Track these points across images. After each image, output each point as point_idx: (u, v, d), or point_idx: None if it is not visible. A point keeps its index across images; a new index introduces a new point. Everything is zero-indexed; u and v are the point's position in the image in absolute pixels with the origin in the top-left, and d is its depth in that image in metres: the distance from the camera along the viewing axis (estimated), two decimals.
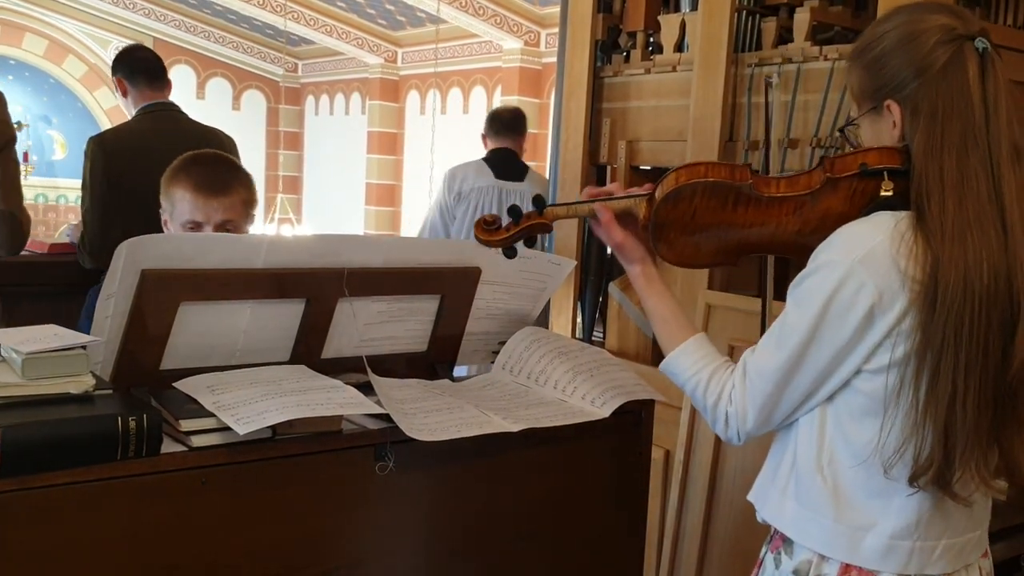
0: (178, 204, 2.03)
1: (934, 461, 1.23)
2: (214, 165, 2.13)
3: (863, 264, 1.24)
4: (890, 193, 1.30)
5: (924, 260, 1.22)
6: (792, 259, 1.47)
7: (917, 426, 1.24)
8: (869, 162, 1.32)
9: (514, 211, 1.46)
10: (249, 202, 2.11)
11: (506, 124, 4.16)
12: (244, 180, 2.12)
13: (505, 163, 4.07)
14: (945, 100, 1.25)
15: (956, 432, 1.22)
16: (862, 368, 1.28)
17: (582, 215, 1.52)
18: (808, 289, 1.30)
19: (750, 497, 1.46)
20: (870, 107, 1.35)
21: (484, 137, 4.20)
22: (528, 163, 4.28)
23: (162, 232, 2.05)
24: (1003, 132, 1.25)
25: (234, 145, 3.28)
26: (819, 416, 1.34)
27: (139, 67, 3.17)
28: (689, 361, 1.41)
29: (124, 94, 3.22)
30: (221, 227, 2.02)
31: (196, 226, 2.02)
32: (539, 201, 1.49)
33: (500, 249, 1.51)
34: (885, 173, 1.30)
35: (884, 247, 1.24)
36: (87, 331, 1.47)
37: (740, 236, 1.41)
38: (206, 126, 3.24)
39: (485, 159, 4.11)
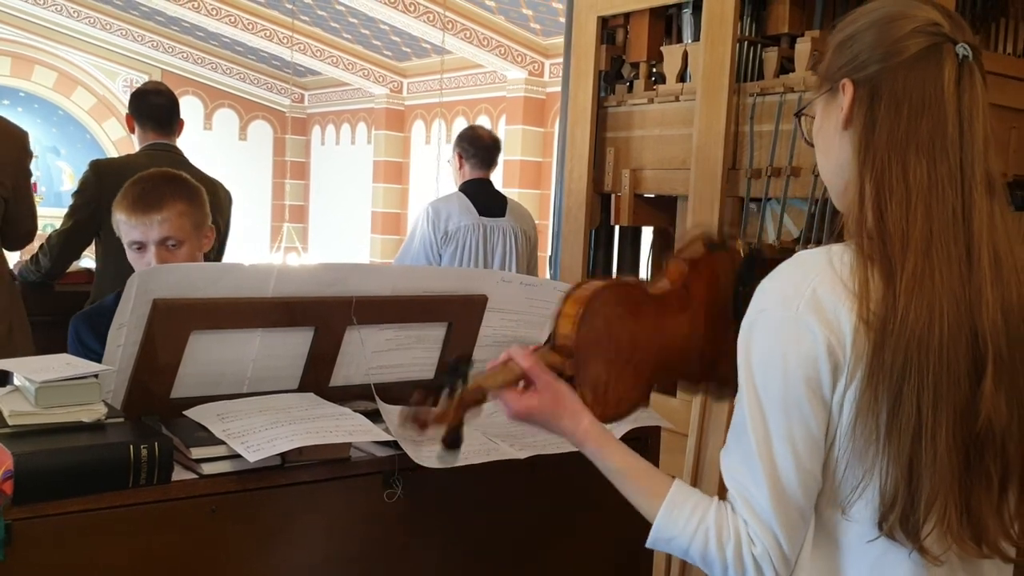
0: (121, 227, 1.98)
1: (897, 500, 1.02)
2: (149, 182, 2.02)
3: (810, 308, 1.03)
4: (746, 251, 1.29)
5: (877, 291, 1.03)
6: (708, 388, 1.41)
7: (877, 457, 1.03)
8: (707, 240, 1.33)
9: (444, 383, 1.19)
10: (193, 216, 1.99)
11: (490, 153, 3.84)
12: (184, 195, 2.00)
13: (486, 197, 3.80)
14: (914, 94, 1.06)
15: (922, 470, 1.01)
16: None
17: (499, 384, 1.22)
18: (754, 367, 1.07)
19: None
20: (827, 88, 1.14)
21: (460, 157, 3.83)
22: (503, 191, 3.97)
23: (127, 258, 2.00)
24: (978, 154, 1.05)
25: (228, 196, 3.28)
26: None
27: (149, 112, 3.25)
28: (684, 515, 1.11)
29: (131, 131, 3.35)
30: (162, 244, 1.94)
31: (140, 246, 1.95)
32: (460, 369, 1.19)
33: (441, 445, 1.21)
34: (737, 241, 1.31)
35: (825, 283, 1.04)
36: None
37: (658, 345, 1.29)
38: (203, 173, 3.11)
39: (465, 192, 3.80)
